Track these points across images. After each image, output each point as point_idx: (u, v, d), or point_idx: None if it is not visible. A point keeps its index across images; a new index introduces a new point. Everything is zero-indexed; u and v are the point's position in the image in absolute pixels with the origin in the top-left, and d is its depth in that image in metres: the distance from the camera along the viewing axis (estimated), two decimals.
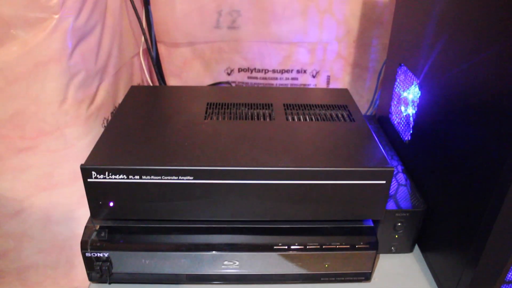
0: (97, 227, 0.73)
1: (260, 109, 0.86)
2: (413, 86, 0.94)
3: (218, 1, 1.18)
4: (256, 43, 1.23)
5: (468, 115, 0.69)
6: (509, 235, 0.61)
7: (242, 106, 0.86)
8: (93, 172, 0.66)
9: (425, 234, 0.85)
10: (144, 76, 1.21)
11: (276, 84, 1.30)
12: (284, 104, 0.87)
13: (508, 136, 0.57)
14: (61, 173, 0.89)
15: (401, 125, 1.02)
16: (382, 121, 1.16)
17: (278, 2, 1.18)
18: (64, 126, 0.87)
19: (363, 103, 1.35)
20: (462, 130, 0.71)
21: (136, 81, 1.18)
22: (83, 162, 0.66)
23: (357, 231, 0.74)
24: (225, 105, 0.87)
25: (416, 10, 0.92)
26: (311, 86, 1.31)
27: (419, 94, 0.89)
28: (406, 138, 0.98)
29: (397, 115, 1.05)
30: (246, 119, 0.81)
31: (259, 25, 1.21)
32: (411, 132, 0.95)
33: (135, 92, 0.94)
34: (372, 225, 0.76)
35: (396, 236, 0.83)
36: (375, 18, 1.22)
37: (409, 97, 0.97)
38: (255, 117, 0.82)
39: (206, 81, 1.29)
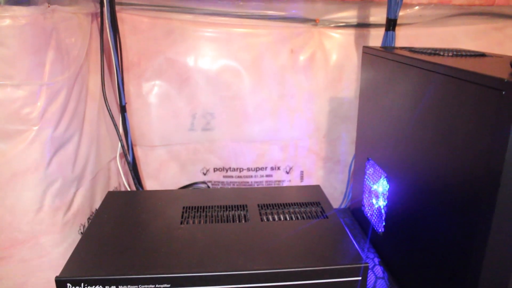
0: None
1: (235, 210, 0.88)
2: (381, 179, 0.98)
3: (192, 105, 1.24)
4: (230, 143, 1.28)
5: (435, 205, 0.72)
6: None
7: (218, 208, 0.88)
8: (68, 284, 0.65)
9: None
10: (121, 180, 1.22)
11: (251, 182, 1.33)
12: (258, 205, 0.90)
13: (474, 222, 0.60)
14: (36, 283, 0.87)
15: (374, 217, 1.05)
16: (356, 213, 1.18)
17: (249, 104, 1.25)
18: (39, 235, 0.87)
19: (337, 195, 1.38)
20: (432, 220, 0.74)
21: (113, 185, 1.20)
22: (58, 271, 0.66)
23: None
24: (200, 208, 0.88)
25: (378, 107, 0.99)
26: (285, 182, 1.34)
27: (388, 187, 0.93)
28: (380, 230, 1.00)
29: (369, 207, 1.08)
30: (221, 221, 0.82)
31: (233, 126, 1.26)
32: (384, 224, 0.97)
33: (112, 197, 0.95)
34: None
35: None
36: (342, 114, 1.30)
37: (379, 190, 1.00)
38: (231, 219, 0.84)
39: (183, 182, 1.32)
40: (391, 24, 1.13)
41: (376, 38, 1.25)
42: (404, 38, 1.29)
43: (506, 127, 0.54)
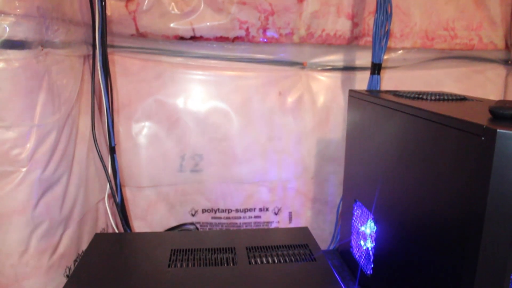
0: None
1: (223, 253, 0.87)
2: (369, 221, 0.99)
3: (181, 146, 1.25)
4: (219, 184, 1.29)
5: (422, 247, 0.73)
6: None
7: (206, 251, 0.88)
8: None
9: None
10: (108, 221, 1.21)
11: (240, 223, 1.33)
12: (246, 247, 0.89)
13: (461, 263, 0.61)
14: None
15: (362, 259, 1.04)
16: (344, 255, 1.18)
17: (238, 145, 1.26)
18: (23, 278, 0.85)
19: (326, 236, 1.38)
20: (419, 262, 0.74)
21: (101, 226, 1.19)
22: None
23: None
24: (188, 251, 0.88)
25: (364, 149, 1.01)
26: (274, 224, 1.34)
27: (375, 229, 0.94)
28: (369, 272, 0.99)
29: (358, 249, 1.08)
30: (209, 265, 0.82)
31: (221, 168, 1.27)
32: (372, 266, 0.97)
33: (99, 239, 0.94)
34: None
35: None
36: (330, 155, 1.31)
37: (366, 232, 1.01)
38: (219, 262, 0.83)
39: (171, 223, 1.31)
40: (376, 68, 1.17)
41: (362, 80, 1.29)
42: (389, 80, 1.33)
43: (486, 172, 0.55)
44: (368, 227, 1.00)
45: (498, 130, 0.54)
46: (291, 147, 1.29)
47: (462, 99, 0.90)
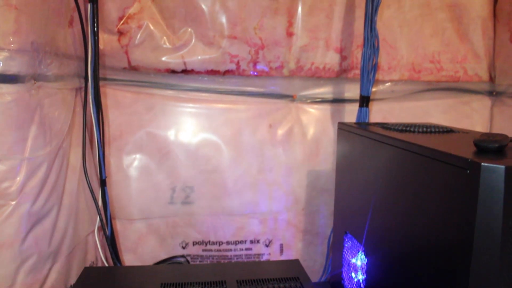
0: None
1: (214, 287, 0.86)
2: (359, 253, 0.99)
3: (172, 178, 1.25)
4: (210, 216, 1.28)
5: (412, 279, 0.73)
6: None
7: (196, 285, 0.87)
8: None
9: None
10: (98, 254, 1.20)
11: (231, 255, 1.32)
12: (237, 281, 0.89)
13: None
14: None
15: None
16: (336, 286, 1.17)
17: (229, 177, 1.27)
18: None
19: (317, 268, 1.37)
20: None
21: (90, 260, 1.17)
22: None
23: None
24: (179, 285, 0.87)
25: (354, 181, 1.02)
26: (265, 256, 1.33)
27: (366, 261, 0.94)
28: None
29: (349, 281, 1.07)
30: None
31: (212, 200, 1.27)
32: None
33: (88, 273, 0.93)
34: None
35: None
36: (320, 186, 1.32)
37: (357, 264, 1.00)
38: None
39: (161, 255, 1.30)
40: (364, 101, 1.19)
41: (351, 112, 1.31)
42: (378, 112, 1.35)
43: (473, 204, 0.56)
44: (359, 259, 0.99)
45: (482, 163, 0.55)
46: (281, 179, 1.30)
47: (449, 131, 0.92)
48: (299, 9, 1.24)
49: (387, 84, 1.35)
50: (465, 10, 1.35)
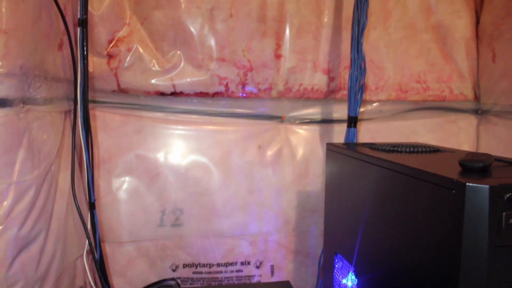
0: None
1: None
2: (350, 273, 0.99)
3: (161, 201, 1.25)
4: (200, 238, 1.28)
5: None
6: None
7: None
8: None
9: None
10: (87, 278, 1.19)
11: (221, 278, 1.31)
12: None
13: None
14: None
15: None
16: None
17: (218, 199, 1.26)
18: None
19: None
20: None
21: (78, 284, 1.16)
22: None
23: None
24: None
25: (343, 202, 1.02)
26: (256, 277, 1.32)
27: (356, 282, 0.93)
28: None
29: None
30: None
31: (202, 222, 1.27)
32: None
33: None
34: None
35: None
36: (310, 207, 1.32)
37: (348, 284, 1.00)
38: None
39: (151, 278, 1.28)
40: (352, 121, 1.20)
41: (339, 133, 1.32)
42: (366, 132, 1.36)
43: (459, 224, 0.57)
44: (350, 280, 0.99)
45: (467, 183, 0.56)
46: (271, 200, 1.30)
47: (435, 150, 0.93)
48: (287, 31, 1.26)
49: (375, 104, 1.37)
50: (448, 31, 1.38)
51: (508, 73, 1.29)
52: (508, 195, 0.57)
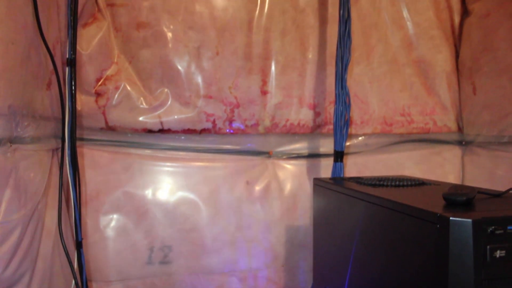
0: None
1: None
2: None
3: (149, 238, 1.24)
4: (189, 276, 1.26)
5: None
6: None
7: None
8: None
9: None
10: None
11: None
12: None
13: None
14: None
15: None
16: None
17: (207, 236, 1.26)
18: None
19: None
20: None
21: None
22: None
23: None
24: None
25: (331, 236, 1.02)
26: None
27: None
28: None
29: None
30: None
31: (191, 259, 1.25)
32: None
33: None
34: None
35: None
36: (299, 242, 1.32)
37: None
38: None
39: None
40: (338, 156, 1.21)
41: (327, 167, 1.33)
42: (353, 166, 1.38)
43: (444, 256, 0.58)
44: None
45: (451, 218, 0.57)
46: (260, 236, 1.30)
47: (421, 183, 0.94)
48: (273, 68, 1.29)
49: (361, 138, 1.39)
50: (430, 65, 1.42)
51: (489, 105, 1.32)
52: (491, 228, 0.58)
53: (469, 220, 0.57)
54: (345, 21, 1.19)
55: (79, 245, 1.08)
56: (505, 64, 1.24)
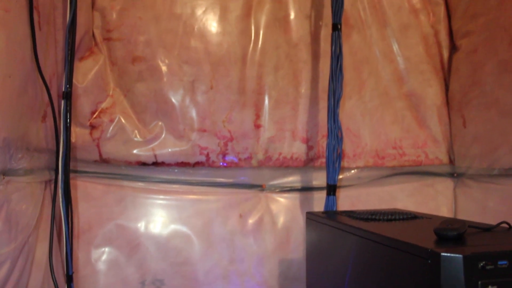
0: None
1: None
2: None
3: (141, 271, 1.22)
4: None
5: None
6: None
7: None
8: None
9: None
10: None
11: None
12: None
13: None
14: None
15: None
16: None
17: (200, 269, 1.25)
18: None
19: None
20: None
21: None
22: None
23: None
24: None
25: (324, 270, 1.02)
26: None
27: None
28: None
29: None
30: None
31: None
32: None
33: None
34: None
35: None
36: (292, 275, 1.31)
37: None
38: None
39: None
40: (331, 189, 1.22)
41: (319, 200, 1.33)
42: (346, 199, 1.38)
43: None
44: None
45: (442, 253, 0.57)
46: (253, 269, 1.28)
47: (413, 217, 0.95)
48: (266, 102, 1.31)
49: (353, 171, 1.40)
50: (420, 99, 1.44)
51: (479, 137, 1.34)
52: (482, 264, 0.58)
53: (460, 255, 0.57)
54: (337, 57, 1.22)
55: (69, 279, 1.07)
56: (493, 98, 1.26)
